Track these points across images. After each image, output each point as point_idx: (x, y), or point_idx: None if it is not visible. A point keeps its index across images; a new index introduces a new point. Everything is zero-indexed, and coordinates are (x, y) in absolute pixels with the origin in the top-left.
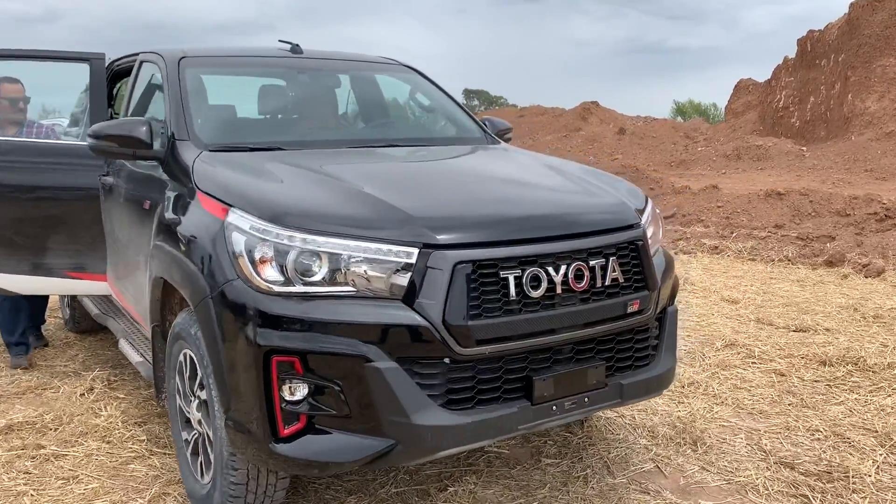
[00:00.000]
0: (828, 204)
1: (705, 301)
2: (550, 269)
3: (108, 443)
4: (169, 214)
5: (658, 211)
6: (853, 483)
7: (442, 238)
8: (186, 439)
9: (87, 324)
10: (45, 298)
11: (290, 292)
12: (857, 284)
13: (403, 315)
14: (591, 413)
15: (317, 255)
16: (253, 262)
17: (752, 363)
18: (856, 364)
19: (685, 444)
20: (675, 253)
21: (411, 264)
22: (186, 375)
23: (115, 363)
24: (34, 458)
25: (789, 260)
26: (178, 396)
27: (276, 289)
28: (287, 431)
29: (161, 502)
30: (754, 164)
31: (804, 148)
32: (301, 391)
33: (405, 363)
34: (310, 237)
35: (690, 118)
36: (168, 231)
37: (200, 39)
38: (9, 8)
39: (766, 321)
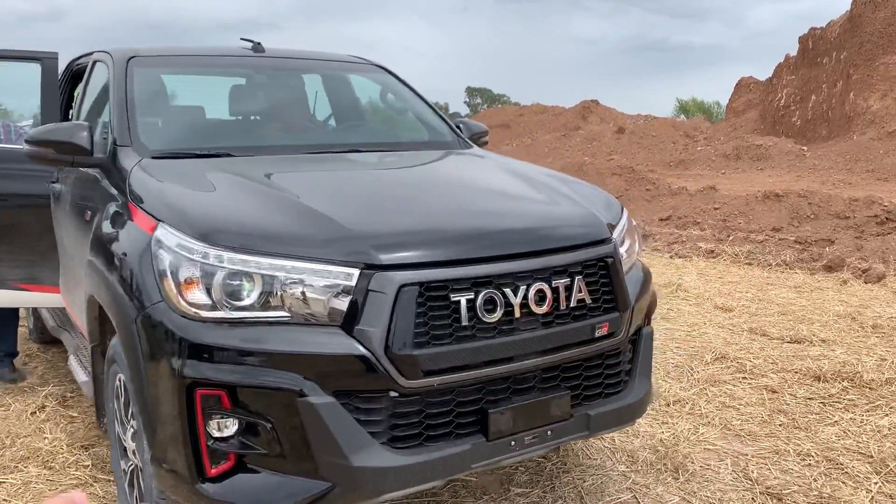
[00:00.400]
0: (827, 206)
1: (698, 309)
2: (508, 291)
3: (50, 468)
4: (103, 228)
5: (634, 223)
6: None
7: (385, 257)
8: (124, 469)
9: (50, 335)
10: (13, 325)
11: (218, 318)
12: (857, 291)
13: (341, 343)
14: (554, 447)
15: (248, 276)
16: (178, 283)
17: (743, 378)
18: (852, 380)
19: (666, 471)
20: (670, 256)
21: (351, 287)
22: (122, 401)
23: (73, 378)
24: None
25: (787, 265)
26: (116, 422)
27: (203, 314)
28: (215, 471)
29: None
30: (754, 164)
31: (805, 147)
32: (230, 428)
33: (343, 397)
34: (239, 256)
35: (693, 116)
36: (100, 246)
37: (202, 39)
38: (14, 7)
39: (760, 331)
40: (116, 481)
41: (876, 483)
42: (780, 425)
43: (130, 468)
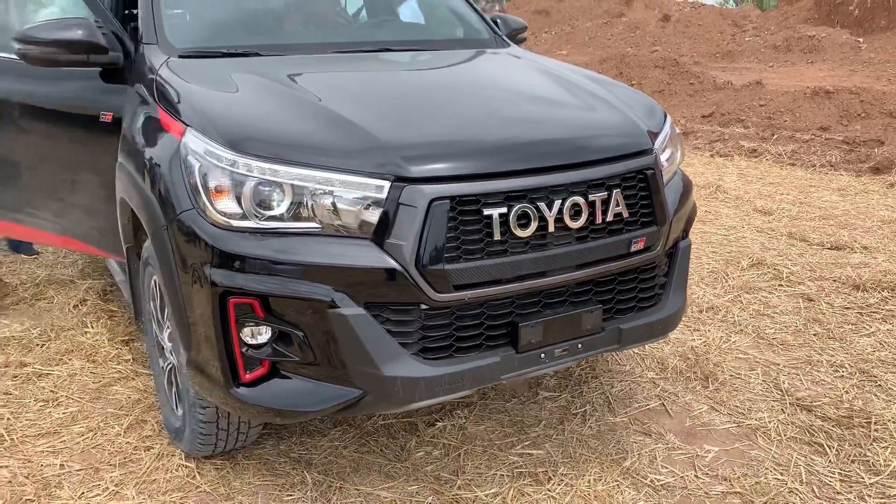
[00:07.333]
0: (880, 104)
1: (736, 211)
2: (542, 205)
3: (93, 362)
4: (131, 130)
5: (678, 130)
6: (874, 430)
7: (416, 170)
8: (162, 367)
9: None
10: None
11: (249, 227)
12: None
13: (372, 256)
14: (584, 359)
15: (278, 186)
16: (208, 191)
17: (779, 286)
18: (893, 290)
19: (696, 380)
20: (711, 155)
21: (382, 199)
22: (157, 303)
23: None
24: (16, 376)
25: (832, 166)
26: (153, 321)
27: (234, 223)
28: (249, 377)
29: (138, 430)
30: (805, 56)
31: (861, 39)
32: (263, 335)
33: (374, 309)
34: (268, 166)
35: (743, 4)
36: (129, 149)
37: None
38: None
39: (800, 236)
40: (154, 378)
41: None
42: (814, 335)
43: (168, 367)
